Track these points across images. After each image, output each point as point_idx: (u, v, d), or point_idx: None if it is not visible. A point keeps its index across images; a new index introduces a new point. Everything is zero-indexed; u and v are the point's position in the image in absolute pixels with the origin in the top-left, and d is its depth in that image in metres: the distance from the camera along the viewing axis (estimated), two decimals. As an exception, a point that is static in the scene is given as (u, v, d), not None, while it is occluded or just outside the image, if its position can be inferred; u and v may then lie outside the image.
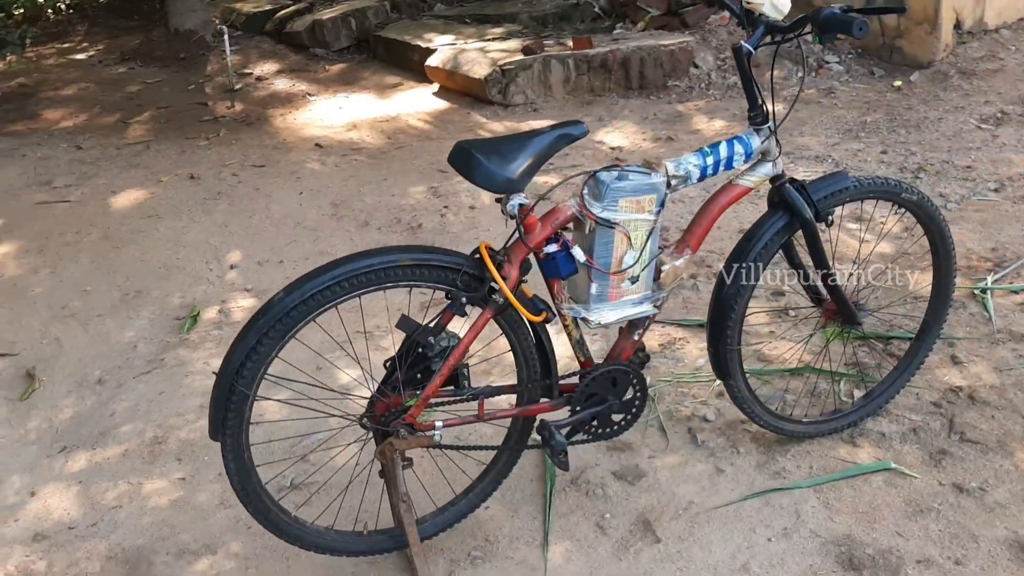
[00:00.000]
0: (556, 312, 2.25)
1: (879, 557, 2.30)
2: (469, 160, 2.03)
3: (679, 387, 3.06)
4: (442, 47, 7.36)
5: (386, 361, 2.23)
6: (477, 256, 2.14)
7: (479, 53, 6.94)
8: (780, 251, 2.48)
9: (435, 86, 7.19)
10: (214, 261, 4.38)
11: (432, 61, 7.14)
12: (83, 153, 6.18)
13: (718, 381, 2.82)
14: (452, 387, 2.26)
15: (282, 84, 7.82)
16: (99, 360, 3.56)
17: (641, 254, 2.21)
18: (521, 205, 2.13)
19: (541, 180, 4.65)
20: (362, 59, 8.44)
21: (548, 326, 2.26)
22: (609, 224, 2.16)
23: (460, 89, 6.88)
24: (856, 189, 2.46)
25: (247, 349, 2.00)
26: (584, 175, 2.21)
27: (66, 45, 10.28)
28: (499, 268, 2.12)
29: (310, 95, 7.39)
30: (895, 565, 2.27)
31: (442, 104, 6.81)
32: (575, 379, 2.36)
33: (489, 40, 7.49)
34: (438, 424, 2.19)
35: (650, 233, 2.21)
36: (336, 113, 6.84)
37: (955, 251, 2.70)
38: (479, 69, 6.62)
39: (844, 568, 2.28)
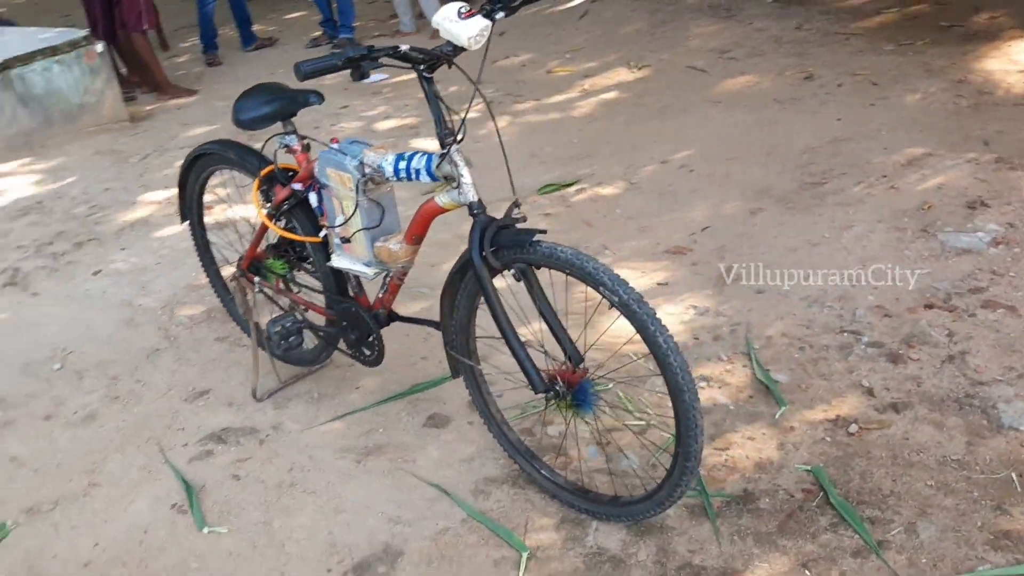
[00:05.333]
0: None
1: None
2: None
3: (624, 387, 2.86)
4: None
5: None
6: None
7: None
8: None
9: None
10: (657, 157, 4.80)
11: None
12: (801, 34, 6.46)
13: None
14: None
15: None
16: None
17: (347, 222, 2.49)
18: (286, 146, 2.66)
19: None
20: None
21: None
22: (322, 184, 2.52)
23: None
24: (538, 254, 2.11)
25: (184, 178, 3.14)
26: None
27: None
28: (272, 185, 2.72)
29: None
30: None
31: None
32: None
33: None
34: (256, 280, 2.98)
35: (355, 208, 2.46)
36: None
37: (688, 378, 2.03)
38: None
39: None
